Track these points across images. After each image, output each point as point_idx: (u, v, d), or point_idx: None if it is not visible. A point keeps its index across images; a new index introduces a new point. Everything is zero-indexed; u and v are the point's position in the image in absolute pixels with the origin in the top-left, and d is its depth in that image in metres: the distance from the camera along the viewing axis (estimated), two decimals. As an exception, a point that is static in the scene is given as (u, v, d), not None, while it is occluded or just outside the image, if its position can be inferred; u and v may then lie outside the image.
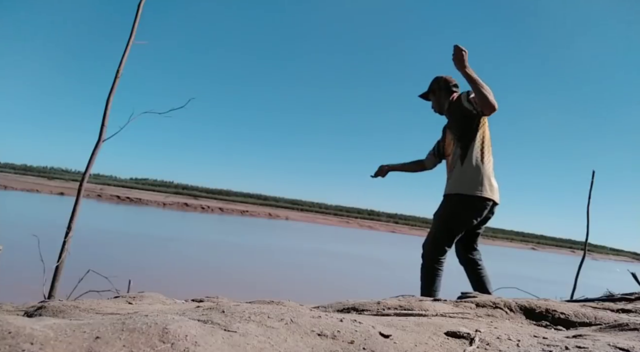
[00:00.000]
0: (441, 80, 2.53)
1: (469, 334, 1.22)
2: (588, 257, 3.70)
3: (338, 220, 44.49)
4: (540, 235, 71.40)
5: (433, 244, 2.33)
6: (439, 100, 2.53)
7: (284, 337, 1.01)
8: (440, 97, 2.53)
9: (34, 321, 0.93)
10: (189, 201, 34.83)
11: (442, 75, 2.56)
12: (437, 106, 2.55)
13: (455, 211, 2.31)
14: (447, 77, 2.54)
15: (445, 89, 2.52)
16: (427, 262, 2.33)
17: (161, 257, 7.91)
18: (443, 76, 2.55)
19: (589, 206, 3.61)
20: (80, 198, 2.53)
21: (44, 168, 61.68)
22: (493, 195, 2.29)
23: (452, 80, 2.53)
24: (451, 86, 2.52)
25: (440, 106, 2.54)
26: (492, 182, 2.31)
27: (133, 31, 2.72)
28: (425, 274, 2.32)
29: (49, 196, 25.14)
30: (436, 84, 2.54)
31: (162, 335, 0.86)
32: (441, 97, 2.52)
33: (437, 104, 2.55)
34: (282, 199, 63.53)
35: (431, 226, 2.41)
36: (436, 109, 2.57)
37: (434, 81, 2.56)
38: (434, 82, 2.56)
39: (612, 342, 1.12)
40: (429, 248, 2.34)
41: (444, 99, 2.52)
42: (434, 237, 2.34)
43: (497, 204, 2.35)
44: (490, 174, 2.32)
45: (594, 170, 3.67)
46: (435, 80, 2.56)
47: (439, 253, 2.31)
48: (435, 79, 2.56)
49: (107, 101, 2.64)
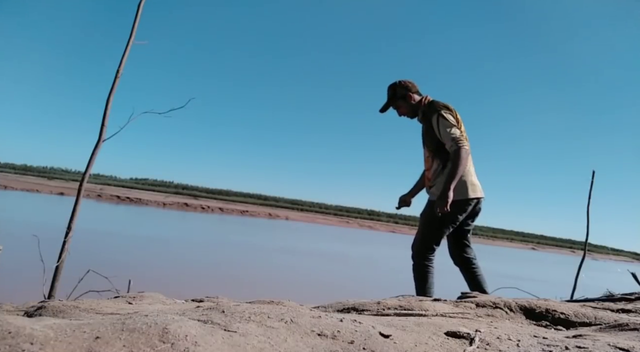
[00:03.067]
0: (406, 84, 2.50)
1: (469, 334, 1.22)
2: (588, 257, 3.70)
3: (338, 220, 44.50)
4: (540, 235, 71.40)
5: (421, 243, 2.38)
6: (412, 105, 2.50)
7: (284, 337, 1.01)
8: (411, 101, 2.50)
9: (34, 321, 0.93)
10: (189, 201, 34.84)
11: (401, 81, 2.52)
12: (410, 111, 2.52)
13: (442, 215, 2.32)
14: (409, 81, 2.53)
15: (414, 92, 2.50)
16: (418, 261, 2.38)
17: (161, 257, 7.91)
18: (403, 81, 2.52)
19: (589, 205, 3.61)
20: (80, 198, 2.53)
21: (44, 168, 61.66)
22: (476, 193, 2.36)
23: (415, 84, 2.53)
24: (417, 89, 2.52)
25: (414, 110, 2.51)
26: (474, 181, 2.38)
27: (133, 31, 2.72)
28: (418, 273, 2.38)
29: (49, 195, 25.15)
30: (402, 89, 2.50)
31: (162, 335, 0.86)
32: (412, 101, 2.50)
33: (409, 109, 2.51)
34: (282, 199, 63.54)
35: (418, 226, 2.46)
36: (409, 114, 2.54)
37: (398, 87, 2.51)
38: (399, 87, 2.51)
39: (612, 342, 1.12)
40: (418, 247, 2.39)
41: (416, 102, 2.50)
42: (422, 237, 2.39)
43: (482, 198, 2.42)
44: (472, 175, 2.38)
45: (594, 170, 3.67)
46: (399, 85, 2.51)
47: (427, 252, 2.37)
48: (399, 84, 2.52)
49: (107, 101, 2.64)
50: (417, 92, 2.52)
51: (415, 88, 2.52)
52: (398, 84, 2.52)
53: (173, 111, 2.97)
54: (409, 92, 2.49)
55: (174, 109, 2.99)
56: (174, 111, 2.98)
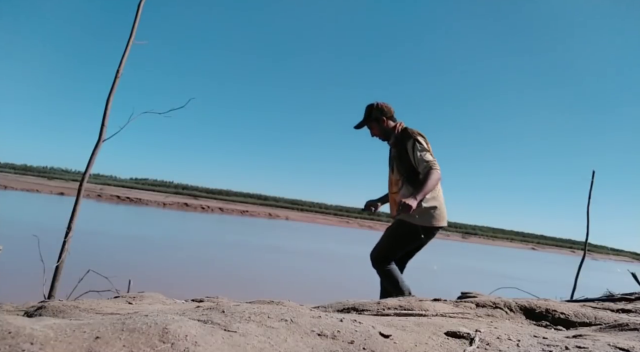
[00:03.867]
0: (383, 108, 2.57)
1: (469, 334, 1.22)
2: (588, 257, 3.70)
3: (338, 220, 44.50)
4: (540, 235, 71.39)
5: (379, 252, 2.45)
6: (385, 128, 2.58)
7: (284, 337, 1.01)
8: (384, 125, 2.57)
9: (34, 321, 0.93)
10: (189, 201, 34.85)
11: (378, 103, 2.59)
12: (383, 134, 2.59)
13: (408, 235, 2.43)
14: (386, 105, 2.59)
15: (388, 117, 2.57)
16: (380, 268, 2.45)
17: (161, 257, 7.91)
18: (380, 104, 2.58)
19: (589, 205, 3.62)
20: (80, 198, 2.54)
21: (44, 168, 61.66)
22: (443, 222, 2.47)
23: (391, 108, 2.59)
24: (392, 114, 2.59)
25: (386, 134, 2.59)
26: (443, 208, 2.47)
27: (133, 31, 2.73)
28: (384, 276, 2.44)
29: (49, 195, 25.16)
30: (378, 112, 2.56)
31: (162, 335, 0.86)
32: (386, 125, 2.57)
33: (382, 132, 2.59)
34: (282, 199, 63.53)
35: (382, 237, 2.51)
36: (380, 136, 2.61)
37: (375, 109, 2.57)
38: (375, 110, 2.57)
39: (612, 342, 1.12)
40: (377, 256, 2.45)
41: (390, 127, 2.57)
42: (382, 248, 2.46)
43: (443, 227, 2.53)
44: (442, 201, 2.47)
45: (594, 170, 3.68)
46: (376, 108, 2.57)
47: (385, 260, 2.45)
48: (377, 107, 2.58)
49: (107, 101, 2.64)
50: (391, 117, 2.59)
51: (390, 113, 2.58)
52: (375, 106, 2.58)
53: (173, 111, 2.98)
54: (383, 116, 2.56)
55: (174, 109, 3.00)
56: (174, 111, 2.99)
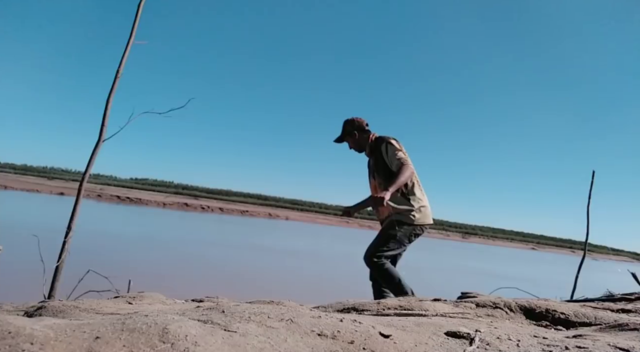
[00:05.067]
0: (354, 123, 2.76)
1: (469, 334, 1.22)
2: (588, 257, 3.70)
3: (338, 220, 44.46)
4: (540, 235, 71.26)
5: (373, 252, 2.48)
6: (359, 141, 2.76)
7: (284, 337, 1.01)
8: (359, 138, 2.76)
9: (34, 321, 0.93)
10: (189, 201, 34.84)
11: (352, 118, 2.79)
12: (357, 146, 2.78)
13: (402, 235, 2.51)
14: (358, 119, 2.78)
15: (360, 130, 2.75)
16: (373, 265, 2.48)
17: (161, 257, 7.91)
18: (354, 118, 2.79)
19: (589, 206, 3.62)
20: (80, 198, 2.54)
21: (44, 168, 61.53)
22: (430, 220, 2.60)
23: (363, 121, 2.78)
24: (364, 126, 2.76)
25: (360, 146, 2.78)
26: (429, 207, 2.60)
27: (133, 31, 2.73)
28: (380, 275, 2.46)
29: (49, 195, 25.16)
30: (350, 127, 2.76)
31: (162, 335, 0.86)
32: (359, 138, 2.76)
33: (356, 145, 2.78)
34: (282, 199, 63.41)
35: (376, 238, 2.55)
36: (356, 149, 2.80)
37: (348, 124, 2.78)
38: (348, 125, 2.77)
39: (612, 342, 1.12)
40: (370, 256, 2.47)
41: (363, 140, 2.75)
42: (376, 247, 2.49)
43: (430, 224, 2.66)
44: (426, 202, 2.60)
45: (594, 171, 3.68)
46: (349, 123, 2.78)
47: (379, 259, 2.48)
48: (349, 122, 2.78)
49: (107, 101, 2.64)
50: (363, 129, 2.76)
51: (362, 126, 2.76)
52: (350, 121, 2.79)
53: (173, 111, 2.99)
54: (354, 130, 2.75)
55: (174, 109, 3.00)
56: (174, 111, 2.99)
